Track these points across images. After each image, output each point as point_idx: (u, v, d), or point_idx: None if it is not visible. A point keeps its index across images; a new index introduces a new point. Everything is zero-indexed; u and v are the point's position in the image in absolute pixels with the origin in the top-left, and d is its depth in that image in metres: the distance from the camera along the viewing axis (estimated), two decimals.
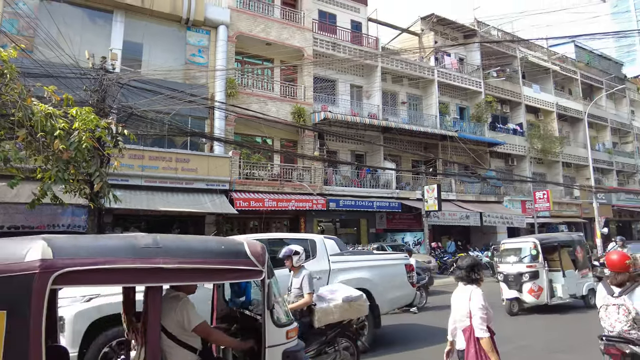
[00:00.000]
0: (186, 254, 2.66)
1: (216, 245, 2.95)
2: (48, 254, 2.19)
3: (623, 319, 3.69)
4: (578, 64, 31.87)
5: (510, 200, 23.66)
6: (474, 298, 3.40)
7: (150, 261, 2.47)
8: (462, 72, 24.08)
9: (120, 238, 2.79)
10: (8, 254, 2.19)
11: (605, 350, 3.82)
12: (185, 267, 2.58)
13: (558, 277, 10.10)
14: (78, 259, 2.29)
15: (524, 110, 26.59)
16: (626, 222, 33.13)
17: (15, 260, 2.12)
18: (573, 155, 28.60)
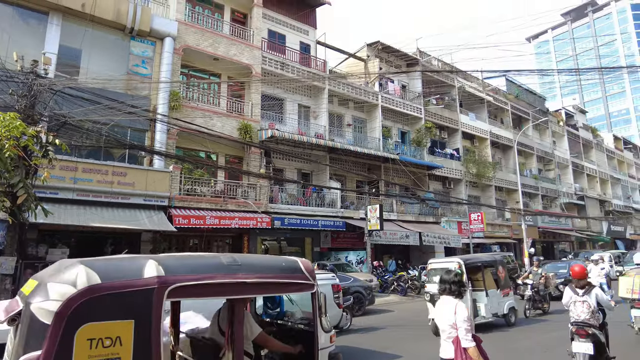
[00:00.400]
0: (259, 270, 3.10)
1: (279, 263, 3.40)
2: (161, 271, 2.57)
3: (586, 311, 5.48)
4: (509, 96, 34.63)
5: (448, 221, 24.79)
6: (459, 311, 3.79)
7: (235, 276, 2.90)
8: (405, 98, 25.25)
9: (208, 257, 3.20)
10: (127, 272, 2.52)
11: (575, 332, 5.56)
12: (260, 282, 3.02)
13: (481, 296, 10.14)
14: (183, 275, 2.67)
15: (460, 137, 28.27)
16: (550, 243, 35.86)
17: (136, 278, 2.48)
18: (504, 180, 30.69)
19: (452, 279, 4.01)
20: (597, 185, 44.53)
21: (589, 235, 38.54)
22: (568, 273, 15.91)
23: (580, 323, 5.54)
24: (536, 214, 31.43)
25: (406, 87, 26.45)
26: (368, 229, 18.17)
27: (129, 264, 2.65)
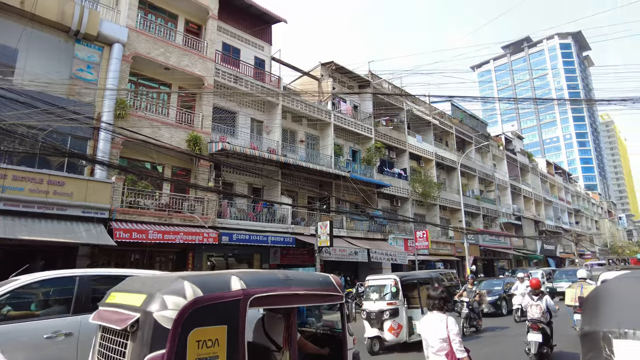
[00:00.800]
0: (305, 284, 3.71)
1: (317, 278, 4.03)
2: (243, 285, 3.09)
3: (538, 312, 7.97)
4: (453, 120, 36.55)
5: (395, 238, 25.44)
6: (451, 325, 4.05)
7: (290, 289, 3.48)
8: (356, 118, 25.92)
9: (269, 273, 3.70)
10: (219, 285, 3.02)
11: (530, 326, 7.95)
12: (307, 293, 3.66)
13: (417, 314, 10.07)
14: (258, 288, 3.19)
15: (408, 157, 29.35)
16: (490, 260, 37.73)
17: (226, 290, 3.00)
18: (448, 200, 32.09)
19: (439, 295, 4.21)
20: (533, 207, 47.75)
21: (525, 254, 41.05)
22: (502, 290, 16.72)
23: (534, 320, 7.94)
24: (477, 232, 33.05)
25: (358, 108, 27.18)
26: (318, 245, 18.21)
27: (218, 278, 3.19)
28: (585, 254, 57.14)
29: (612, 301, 1.73)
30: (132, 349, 2.77)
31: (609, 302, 1.73)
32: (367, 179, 24.03)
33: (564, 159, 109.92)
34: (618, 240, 79.68)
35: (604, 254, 61.58)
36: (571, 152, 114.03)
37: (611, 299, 1.74)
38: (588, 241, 63.79)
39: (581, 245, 58.98)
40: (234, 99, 19.60)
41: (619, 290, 1.78)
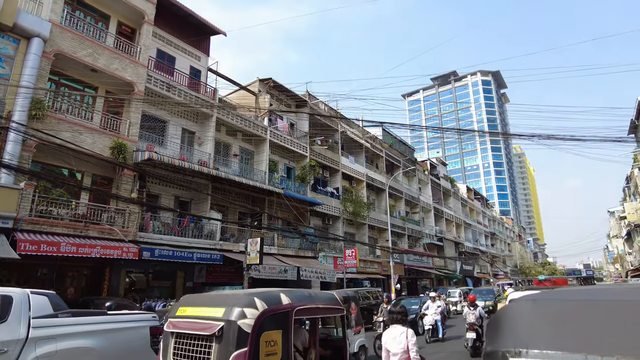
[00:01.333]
0: (322, 300, 4.83)
1: (328, 295, 5.21)
2: (289, 300, 4.09)
3: (474, 318, 11.28)
4: (384, 144, 38.19)
5: (325, 256, 25.68)
6: (410, 336, 4.77)
7: (316, 304, 4.57)
8: (292, 136, 26.12)
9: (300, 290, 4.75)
10: (274, 300, 3.99)
11: (468, 328, 11.12)
12: (325, 307, 4.77)
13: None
14: (298, 302, 4.18)
15: (340, 177, 30.05)
16: (414, 279, 39.34)
17: (279, 304, 3.99)
18: (377, 220, 33.18)
19: (399, 310, 5.05)
20: (453, 229, 50.86)
21: (446, 273, 43.39)
22: (419, 309, 17.24)
23: (471, 323, 11.18)
24: (403, 252, 34.43)
25: (294, 126, 27.45)
26: (247, 263, 17.82)
27: (272, 295, 4.12)
28: (499, 274, 61.78)
29: (510, 322, 1.86)
30: (218, 349, 3.66)
31: (508, 323, 1.86)
32: (301, 197, 24.16)
33: (483, 186, 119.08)
34: (526, 261, 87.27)
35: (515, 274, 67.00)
36: (489, 180, 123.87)
37: (510, 320, 1.88)
38: (501, 262, 69.13)
39: (496, 266, 63.78)
40: (166, 107, 18.87)
41: (516, 312, 1.92)
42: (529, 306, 1.93)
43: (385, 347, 4.90)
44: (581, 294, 2.04)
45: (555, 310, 1.83)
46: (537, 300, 1.96)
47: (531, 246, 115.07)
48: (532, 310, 1.88)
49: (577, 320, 1.69)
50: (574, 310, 1.77)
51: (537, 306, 1.90)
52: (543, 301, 1.94)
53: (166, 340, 4.19)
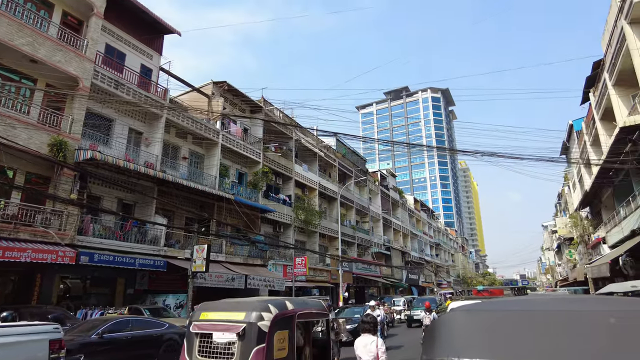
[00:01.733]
0: (314, 306, 6.10)
1: (318, 302, 6.48)
2: (292, 306, 5.28)
3: (429, 320, 13.22)
4: (337, 154, 38.66)
5: (274, 264, 25.42)
6: (380, 344, 5.23)
7: (310, 309, 5.88)
8: (245, 141, 25.78)
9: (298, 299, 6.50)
10: (281, 306, 5.15)
11: (424, 329, 13.78)
12: (316, 312, 6.02)
13: None
14: (299, 308, 5.41)
15: (293, 184, 30.01)
16: (362, 287, 39.85)
17: (286, 309, 5.16)
18: (328, 228, 33.39)
19: (369, 320, 5.46)
20: (401, 239, 52.26)
21: (393, 282, 44.38)
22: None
23: (427, 325, 12.35)
24: (352, 260, 34.84)
25: (248, 131, 27.12)
26: (192, 270, 17.23)
27: (280, 302, 5.27)
28: (442, 284, 64.10)
29: (445, 332, 1.90)
30: (241, 346, 4.67)
31: (442, 333, 1.91)
32: (252, 203, 23.83)
33: (429, 198, 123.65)
34: (468, 271, 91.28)
35: (457, 284, 69.82)
36: (435, 192, 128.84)
37: (444, 330, 1.92)
38: (445, 272, 71.82)
39: (440, 276, 66.14)
40: (113, 105, 17.99)
41: (451, 322, 1.97)
42: (462, 316, 1.98)
43: (357, 354, 5.33)
44: (511, 305, 2.14)
45: (487, 320, 1.90)
46: (470, 311, 2.02)
47: (473, 257, 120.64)
48: (465, 321, 1.94)
49: (506, 329, 1.76)
50: (504, 320, 1.84)
51: (470, 316, 1.96)
52: (476, 311, 2.01)
53: (190, 339, 5.23)
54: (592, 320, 1.68)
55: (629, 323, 1.60)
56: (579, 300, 2.23)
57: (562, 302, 2.15)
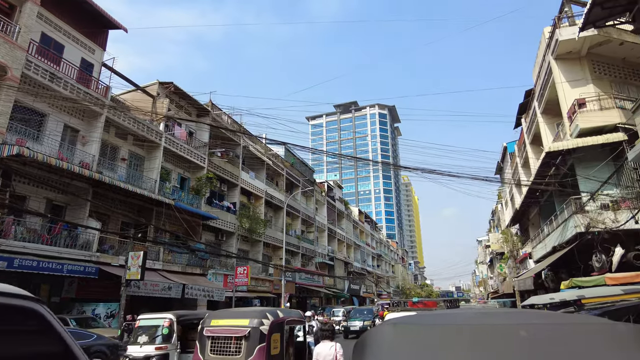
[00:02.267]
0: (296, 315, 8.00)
1: (297, 312, 8.62)
2: (282, 314, 7.10)
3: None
4: (285, 163, 38.62)
5: (214, 274, 24.71)
6: (339, 348, 5.83)
7: (294, 317, 7.70)
8: (190, 145, 25.02)
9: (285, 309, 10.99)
10: (275, 314, 6.74)
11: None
12: (296, 319, 7.83)
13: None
14: (286, 316, 7.24)
15: (239, 192, 29.48)
16: (304, 298, 39.77)
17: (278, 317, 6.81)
18: (272, 237, 33.08)
19: (327, 328, 6.19)
20: (344, 249, 52.94)
21: (335, 292, 44.73)
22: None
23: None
24: (295, 270, 34.72)
25: (194, 135, 26.37)
26: (126, 278, 16.31)
27: (274, 311, 6.84)
28: (382, 294, 65.55)
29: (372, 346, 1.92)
30: (246, 345, 6.11)
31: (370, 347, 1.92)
32: (194, 210, 23.07)
33: (373, 210, 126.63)
34: (407, 282, 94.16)
35: (396, 295, 71.70)
36: (379, 205, 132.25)
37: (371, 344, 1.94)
38: (385, 282, 73.57)
39: (380, 286, 67.62)
40: (47, 100, 16.77)
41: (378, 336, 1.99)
42: (390, 330, 2.01)
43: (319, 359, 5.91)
44: (439, 319, 2.21)
45: (414, 334, 1.95)
46: (398, 325, 2.06)
47: (412, 269, 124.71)
48: (393, 334, 1.96)
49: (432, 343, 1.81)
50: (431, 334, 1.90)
51: (397, 330, 2.00)
52: (404, 325, 2.05)
53: (203, 341, 6.55)
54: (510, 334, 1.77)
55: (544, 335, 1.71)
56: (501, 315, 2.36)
57: (486, 316, 2.26)
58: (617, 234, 13.24)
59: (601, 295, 9.79)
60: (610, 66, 16.74)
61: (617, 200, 14.05)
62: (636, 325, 1.75)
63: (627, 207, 13.45)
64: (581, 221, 14.03)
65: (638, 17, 10.89)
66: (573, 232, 14.31)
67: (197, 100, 26.19)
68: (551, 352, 1.60)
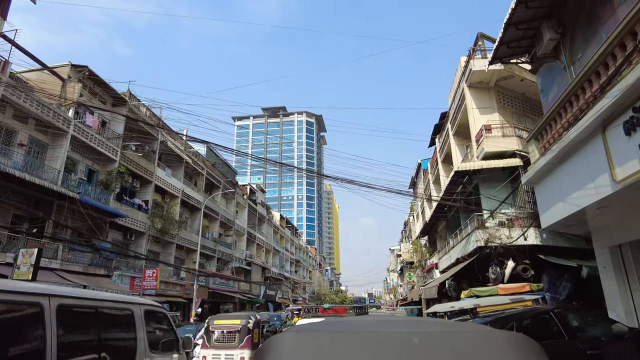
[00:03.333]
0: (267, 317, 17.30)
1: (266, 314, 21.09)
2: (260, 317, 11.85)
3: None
4: (206, 162, 37.33)
5: (120, 275, 23.02)
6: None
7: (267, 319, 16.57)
8: (102, 135, 23.15)
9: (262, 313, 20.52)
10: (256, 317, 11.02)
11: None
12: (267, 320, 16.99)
13: None
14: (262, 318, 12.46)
15: (153, 189, 27.83)
16: (217, 303, 38.53)
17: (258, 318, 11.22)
18: (187, 239, 31.66)
19: (272, 330, 7.62)
20: (263, 254, 52.42)
21: (250, 298, 43.98)
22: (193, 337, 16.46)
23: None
24: (209, 275, 33.57)
25: (107, 125, 24.43)
26: (14, 278, 14.49)
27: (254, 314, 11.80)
28: (298, 300, 65.90)
29: (273, 353, 1.91)
30: (239, 336, 10.10)
31: (270, 354, 1.91)
32: (101, 205, 21.29)
33: (295, 216, 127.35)
34: (323, 288, 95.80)
35: (312, 300, 72.56)
36: (300, 211, 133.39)
37: (272, 351, 1.93)
38: (302, 288, 74.11)
39: (296, 292, 67.93)
40: None
41: (279, 343, 1.99)
42: (290, 338, 2.02)
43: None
44: (341, 326, 2.28)
45: (315, 341, 1.98)
46: (299, 332, 2.08)
47: (329, 275, 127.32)
48: (292, 342, 1.97)
49: (332, 351, 1.85)
50: (331, 341, 1.94)
51: (298, 338, 2.02)
52: (305, 332, 2.08)
53: (209, 335, 10.04)
54: (405, 341, 1.88)
55: (434, 342, 1.87)
56: (400, 323, 2.50)
57: (386, 324, 2.37)
58: (510, 249, 14.73)
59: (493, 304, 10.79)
60: (513, 99, 18.69)
61: (512, 218, 15.64)
62: (510, 332, 2.00)
63: (519, 225, 15.03)
64: (481, 236, 15.38)
65: (535, 59, 12.31)
66: (474, 246, 15.63)
67: (113, 89, 24.35)
68: (439, 357, 1.75)
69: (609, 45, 7.38)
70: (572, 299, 13.20)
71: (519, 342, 1.88)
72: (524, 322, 6.52)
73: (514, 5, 10.21)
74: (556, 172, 9.64)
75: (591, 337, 6.57)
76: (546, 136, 10.44)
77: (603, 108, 7.05)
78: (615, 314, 9.69)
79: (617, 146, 7.13)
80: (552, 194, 10.04)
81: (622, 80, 6.53)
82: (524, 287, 13.77)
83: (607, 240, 10.32)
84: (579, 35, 10.34)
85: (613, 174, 7.24)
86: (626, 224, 9.45)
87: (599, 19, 9.49)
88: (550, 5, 10.57)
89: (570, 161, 8.89)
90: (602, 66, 7.74)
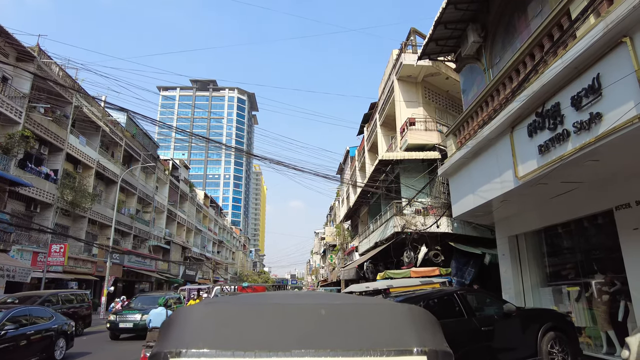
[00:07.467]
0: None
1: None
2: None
3: None
4: (126, 133, 34.87)
5: (21, 250, 20.94)
6: None
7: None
8: (3, 93, 20.57)
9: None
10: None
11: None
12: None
13: None
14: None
15: (64, 158, 25.48)
16: (132, 282, 36.70)
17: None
18: (100, 214, 29.55)
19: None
20: (184, 233, 50.67)
21: (168, 277, 42.46)
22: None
23: None
24: (124, 252, 31.80)
25: (9, 82, 21.73)
26: None
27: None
28: (219, 280, 64.97)
29: (179, 324, 1.92)
30: None
31: (177, 326, 1.92)
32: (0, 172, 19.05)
33: (220, 195, 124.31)
34: (246, 269, 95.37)
35: (234, 281, 71.93)
36: (227, 190, 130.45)
37: (179, 323, 1.94)
38: (224, 269, 73.08)
39: (217, 273, 66.86)
40: None
41: (186, 315, 2.01)
42: (198, 309, 2.04)
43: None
44: (249, 299, 2.37)
45: (223, 313, 2.03)
46: (208, 304, 2.12)
47: (252, 256, 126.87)
48: (201, 313, 2.00)
49: (237, 321, 1.92)
50: (238, 312, 2.02)
51: (207, 309, 2.05)
52: (213, 305, 2.12)
53: None
54: (308, 311, 2.07)
55: (331, 312, 2.05)
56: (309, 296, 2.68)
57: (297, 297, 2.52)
58: (424, 236, 15.81)
59: (405, 285, 11.58)
60: (437, 95, 19.80)
61: (427, 207, 16.74)
62: (410, 305, 2.27)
63: (434, 214, 16.15)
64: (399, 222, 16.29)
65: (459, 59, 13.12)
66: (392, 231, 16.52)
67: (18, 41, 21.61)
68: (345, 325, 1.93)
69: (521, 54, 8.11)
70: (476, 283, 14.57)
71: (416, 312, 2.14)
72: (431, 302, 7.11)
73: (445, 4, 10.74)
74: (469, 166, 10.47)
75: (486, 315, 7.37)
76: (463, 132, 11.26)
77: (512, 110, 7.79)
78: (508, 295, 10.94)
79: (521, 146, 7.94)
80: (464, 186, 10.91)
81: (529, 87, 7.23)
82: (434, 271, 14.91)
83: (506, 230, 11.51)
84: (498, 42, 11.19)
85: (516, 170, 8.06)
86: (522, 216, 10.62)
87: (515, 29, 10.36)
88: (476, 10, 11.29)
89: (482, 157, 9.71)
90: (515, 72, 8.50)
